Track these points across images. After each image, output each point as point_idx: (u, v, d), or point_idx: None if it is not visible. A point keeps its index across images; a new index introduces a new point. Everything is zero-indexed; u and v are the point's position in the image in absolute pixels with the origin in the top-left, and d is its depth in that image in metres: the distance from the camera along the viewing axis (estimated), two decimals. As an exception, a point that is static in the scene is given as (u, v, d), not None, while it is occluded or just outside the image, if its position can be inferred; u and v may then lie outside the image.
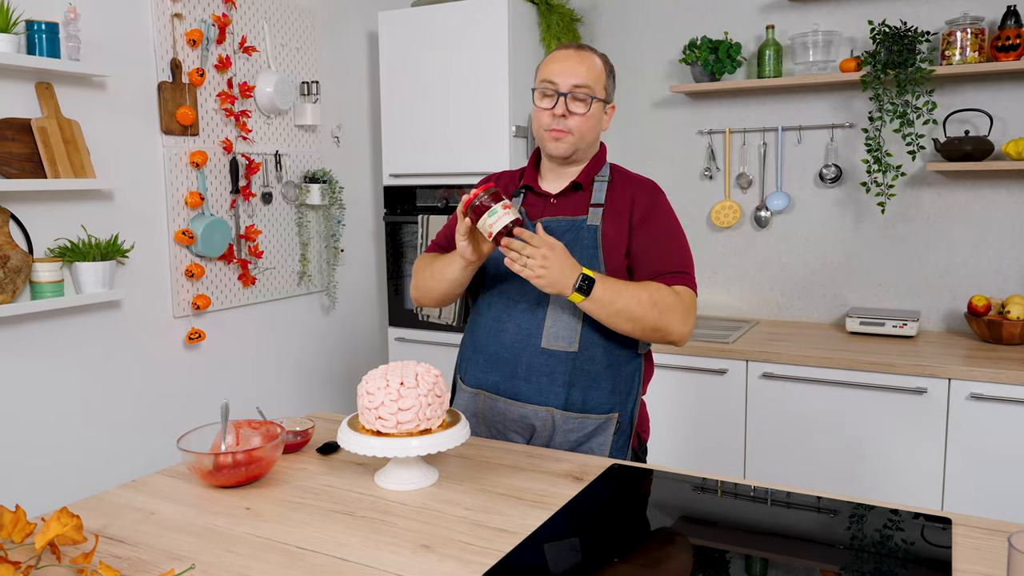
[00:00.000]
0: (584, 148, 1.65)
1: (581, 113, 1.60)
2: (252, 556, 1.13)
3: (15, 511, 1.12)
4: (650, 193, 1.67)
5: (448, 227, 1.82)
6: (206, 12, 2.60)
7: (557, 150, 1.62)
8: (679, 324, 1.57)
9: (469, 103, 3.01)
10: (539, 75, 1.65)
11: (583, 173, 1.67)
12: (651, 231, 1.62)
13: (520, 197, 1.71)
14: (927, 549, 1.13)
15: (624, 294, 1.52)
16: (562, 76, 1.59)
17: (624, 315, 1.52)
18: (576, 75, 1.59)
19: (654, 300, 1.54)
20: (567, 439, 1.63)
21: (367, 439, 1.32)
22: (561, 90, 1.59)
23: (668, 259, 1.61)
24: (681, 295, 1.58)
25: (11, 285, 2.03)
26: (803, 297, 3.10)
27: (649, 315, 1.53)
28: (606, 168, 1.70)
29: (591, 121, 1.62)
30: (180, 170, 2.55)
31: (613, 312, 1.52)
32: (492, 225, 1.46)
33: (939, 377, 2.38)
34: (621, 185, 1.67)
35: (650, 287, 1.56)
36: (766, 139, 3.10)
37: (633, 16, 3.31)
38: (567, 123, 1.60)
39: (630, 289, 1.53)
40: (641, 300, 1.53)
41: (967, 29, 2.61)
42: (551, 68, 1.62)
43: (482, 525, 1.22)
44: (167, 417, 2.56)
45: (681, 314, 1.57)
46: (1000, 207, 2.76)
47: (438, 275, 1.67)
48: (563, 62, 1.61)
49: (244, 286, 2.80)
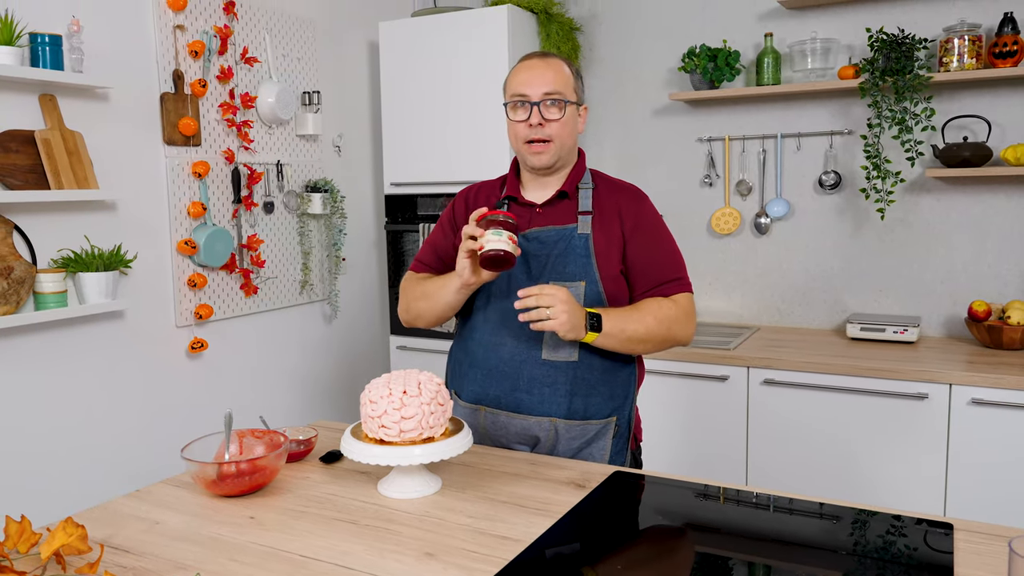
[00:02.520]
0: (565, 155, 1.65)
1: (557, 119, 1.60)
2: (256, 565, 1.13)
3: (20, 521, 1.13)
4: (636, 200, 1.67)
5: (432, 243, 1.79)
6: (208, 23, 2.62)
7: (540, 161, 1.62)
8: (684, 331, 1.63)
9: (470, 112, 3.03)
10: (508, 89, 1.64)
11: (568, 181, 1.67)
12: (643, 242, 1.64)
13: (504, 207, 1.68)
14: (929, 554, 1.13)
15: (630, 321, 1.57)
16: (531, 86, 1.59)
17: (635, 340, 1.58)
18: (545, 82, 1.59)
19: (659, 318, 1.59)
20: (569, 447, 1.63)
21: (370, 447, 1.33)
22: (533, 100, 1.59)
23: (663, 269, 1.64)
24: (680, 303, 1.62)
25: (15, 296, 2.04)
26: (803, 303, 3.11)
27: (657, 333, 1.59)
28: (588, 174, 1.70)
29: (568, 126, 1.63)
30: (182, 180, 2.56)
31: (624, 340, 1.57)
32: (490, 242, 1.45)
33: (940, 383, 2.38)
34: (606, 192, 1.68)
35: (651, 306, 1.60)
36: (765, 146, 3.11)
37: (632, 25, 3.33)
38: (545, 131, 1.60)
39: (633, 314, 1.58)
40: (646, 322, 1.58)
41: (965, 36, 2.63)
42: (519, 79, 1.61)
43: (485, 533, 1.23)
44: (170, 426, 2.57)
45: (684, 321, 1.62)
46: (999, 212, 2.77)
47: (432, 296, 1.66)
48: (530, 71, 1.61)
49: (246, 295, 2.81)
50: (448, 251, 1.75)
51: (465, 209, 1.75)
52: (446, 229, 1.77)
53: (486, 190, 1.77)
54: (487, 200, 1.74)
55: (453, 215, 1.77)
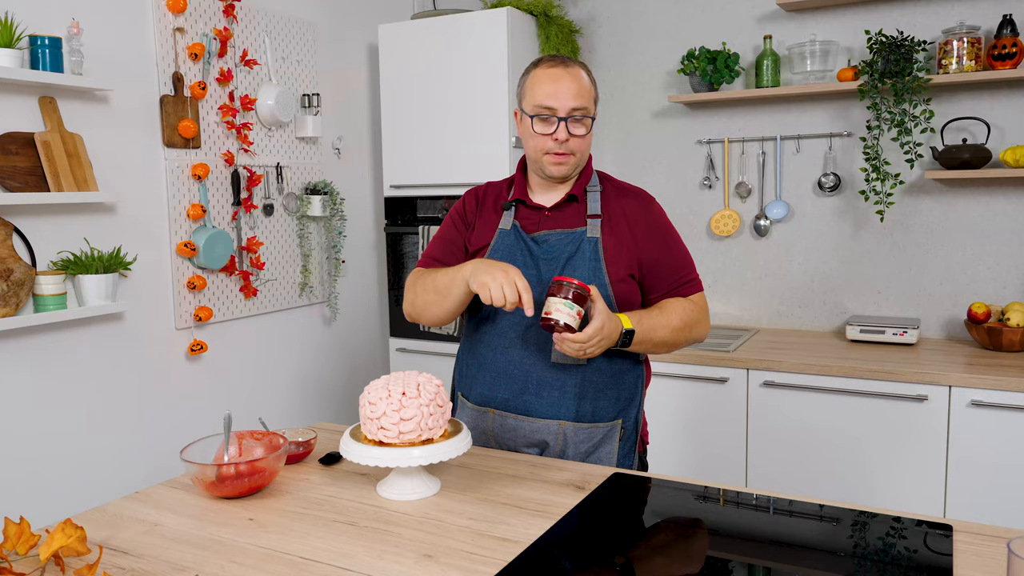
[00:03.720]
0: (582, 165, 1.66)
1: (582, 135, 1.59)
2: (255, 567, 1.13)
3: (19, 523, 1.13)
4: (646, 204, 1.68)
5: (442, 239, 1.75)
6: (208, 26, 2.62)
7: (560, 172, 1.61)
8: (702, 330, 1.69)
9: (469, 114, 3.03)
10: (530, 98, 1.59)
11: (577, 184, 1.66)
12: (657, 245, 1.64)
13: (512, 211, 1.68)
14: (929, 556, 1.13)
15: (658, 328, 1.59)
16: (559, 99, 1.56)
17: (660, 344, 1.62)
18: (572, 97, 1.56)
19: (683, 320, 1.63)
20: (578, 451, 1.63)
21: (369, 449, 1.33)
22: (560, 115, 1.56)
23: (678, 271, 1.67)
24: (697, 303, 1.67)
25: (14, 298, 2.04)
26: (803, 305, 3.11)
27: (681, 335, 1.64)
28: (595, 177, 1.70)
29: (589, 140, 1.63)
30: (182, 182, 2.56)
31: (651, 347, 1.61)
32: (559, 313, 1.43)
33: (940, 385, 2.38)
34: (615, 195, 1.68)
35: (675, 308, 1.63)
36: (765, 148, 3.12)
37: (631, 27, 3.33)
38: (569, 146, 1.59)
39: (660, 320, 1.60)
40: (673, 326, 1.61)
41: (964, 38, 2.63)
42: (545, 90, 1.57)
43: (484, 535, 1.22)
44: (170, 428, 2.57)
45: (703, 320, 1.68)
46: (999, 214, 2.77)
47: (443, 291, 1.59)
48: (557, 83, 1.56)
49: (246, 298, 2.81)
50: (459, 244, 1.73)
51: (476, 205, 1.74)
52: (457, 224, 1.75)
53: (494, 190, 1.75)
54: (496, 199, 1.73)
55: (464, 211, 1.75)
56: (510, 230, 1.66)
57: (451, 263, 1.71)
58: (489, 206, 1.72)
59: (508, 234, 1.66)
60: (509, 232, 1.66)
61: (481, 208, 1.73)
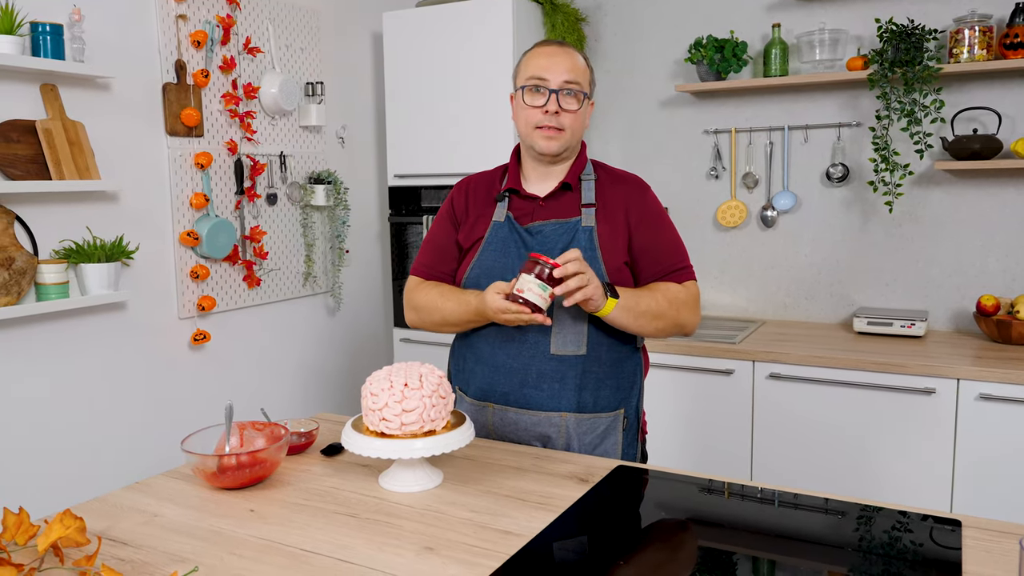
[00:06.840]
0: (573, 146, 1.63)
1: (574, 110, 1.58)
2: (255, 558, 1.12)
3: (18, 513, 1.12)
4: (640, 191, 1.66)
5: (432, 242, 1.74)
6: (210, 13, 2.60)
7: (549, 148, 1.59)
8: (691, 317, 1.63)
9: (474, 103, 3.01)
10: (524, 71, 1.61)
11: (570, 173, 1.64)
12: (649, 232, 1.63)
13: (505, 202, 1.66)
14: (936, 551, 1.12)
15: (643, 296, 1.56)
16: (552, 72, 1.56)
17: (649, 315, 1.56)
18: (564, 70, 1.56)
19: (669, 299, 1.59)
20: (582, 443, 1.62)
21: (371, 440, 1.32)
22: (552, 87, 1.56)
23: (669, 258, 1.64)
24: (689, 289, 1.64)
25: (16, 287, 2.04)
26: (810, 297, 3.09)
27: (668, 312, 1.58)
28: (589, 165, 1.68)
29: (580, 118, 1.61)
30: (185, 171, 2.55)
31: (639, 314, 1.55)
32: (525, 292, 1.43)
33: (948, 377, 2.36)
34: (609, 183, 1.66)
35: (661, 286, 1.61)
36: (772, 138, 3.09)
37: (638, 15, 3.30)
38: (559, 120, 1.57)
39: (645, 292, 1.58)
40: (658, 300, 1.57)
41: (975, 27, 2.59)
42: (538, 63, 1.58)
43: (487, 527, 1.21)
44: (172, 418, 2.56)
45: (692, 307, 1.64)
46: (1009, 206, 2.74)
47: (453, 322, 1.63)
48: (550, 57, 1.58)
49: (249, 287, 2.80)
50: (450, 248, 1.71)
51: (464, 201, 1.71)
52: (445, 225, 1.73)
53: (485, 182, 1.73)
54: (487, 193, 1.70)
55: (452, 209, 1.73)
56: (504, 222, 1.64)
57: (445, 269, 1.72)
58: (481, 197, 1.70)
59: (502, 226, 1.64)
60: (503, 224, 1.64)
61: (472, 201, 1.70)
